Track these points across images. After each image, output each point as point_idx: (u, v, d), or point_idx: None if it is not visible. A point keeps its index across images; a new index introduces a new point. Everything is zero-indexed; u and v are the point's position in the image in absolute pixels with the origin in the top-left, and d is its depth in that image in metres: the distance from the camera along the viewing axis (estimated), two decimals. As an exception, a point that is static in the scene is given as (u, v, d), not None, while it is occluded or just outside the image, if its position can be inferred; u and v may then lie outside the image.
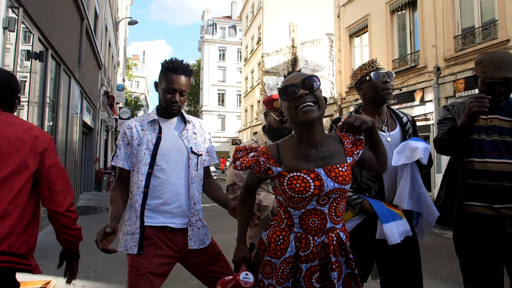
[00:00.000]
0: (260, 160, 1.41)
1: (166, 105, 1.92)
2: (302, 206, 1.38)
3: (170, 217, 1.89)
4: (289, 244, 1.42)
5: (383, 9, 12.81)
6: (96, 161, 14.59)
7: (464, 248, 1.94)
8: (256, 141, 2.38)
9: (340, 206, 1.44)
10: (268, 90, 25.28)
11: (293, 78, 1.41)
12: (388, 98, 1.97)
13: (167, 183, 1.89)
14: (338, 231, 1.44)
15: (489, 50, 9.09)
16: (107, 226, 1.66)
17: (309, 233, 1.40)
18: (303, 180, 1.34)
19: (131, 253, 1.83)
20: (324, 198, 1.37)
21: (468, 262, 1.90)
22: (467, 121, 1.77)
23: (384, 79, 1.94)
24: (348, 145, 1.46)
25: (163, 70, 1.92)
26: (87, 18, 9.81)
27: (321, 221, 1.39)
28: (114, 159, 1.92)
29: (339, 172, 1.37)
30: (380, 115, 2.01)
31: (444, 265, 4.58)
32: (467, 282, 1.92)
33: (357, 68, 2.06)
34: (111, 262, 4.38)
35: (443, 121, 2.05)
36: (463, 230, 1.95)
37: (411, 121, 2.08)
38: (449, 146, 1.92)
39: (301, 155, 1.40)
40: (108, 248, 1.62)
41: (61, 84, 7.72)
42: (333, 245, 1.41)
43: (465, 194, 1.94)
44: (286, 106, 1.40)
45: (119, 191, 1.91)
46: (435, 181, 10.65)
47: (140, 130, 1.93)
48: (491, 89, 1.89)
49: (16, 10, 4.49)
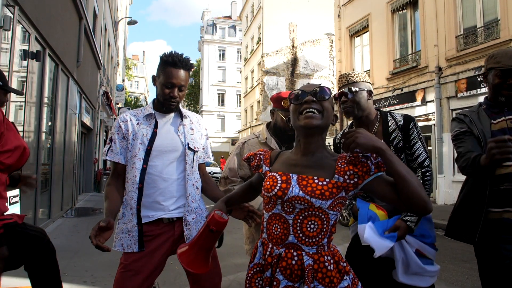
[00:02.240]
0: (258, 156, 1.53)
1: (164, 100, 1.85)
2: (270, 208, 1.36)
3: (166, 213, 1.83)
4: (257, 249, 1.40)
5: (384, 8, 12.75)
6: (95, 161, 14.52)
7: (489, 257, 1.81)
8: (258, 136, 2.34)
9: (309, 225, 1.27)
10: (268, 90, 25.22)
11: (306, 86, 1.43)
12: (347, 116, 2.02)
13: (161, 180, 1.82)
14: (304, 254, 1.27)
15: (491, 50, 9.02)
16: (102, 220, 1.57)
17: (271, 240, 1.35)
18: (273, 180, 1.35)
19: (130, 251, 1.75)
20: (289, 205, 1.29)
21: (494, 271, 1.78)
22: (490, 165, 1.63)
23: (341, 99, 2.02)
24: (342, 165, 1.30)
25: (161, 64, 1.84)
26: (86, 18, 9.74)
27: (283, 230, 1.31)
28: (110, 154, 1.83)
29: (312, 183, 1.28)
30: (368, 126, 2.01)
31: (449, 268, 4.50)
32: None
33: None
34: (109, 266, 4.29)
35: (459, 136, 1.91)
36: (488, 238, 1.82)
37: (401, 126, 1.96)
38: (477, 176, 1.83)
39: (290, 160, 1.42)
40: (102, 246, 1.52)
41: (59, 84, 7.64)
42: (288, 263, 1.26)
43: (492, 201, 1.81)
44: (292, 109, 1.42)
45: (114, 186, 1.83)
46: (437, 182, 10.58)
47: (135, 123, 1.85)
48: (504, 81, 1.82)
49: (12, 8, 4.41)
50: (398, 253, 1.82)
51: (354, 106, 1.99)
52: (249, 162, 1.56)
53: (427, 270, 1.83)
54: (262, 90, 25.55)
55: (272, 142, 2.24)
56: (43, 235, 2.09)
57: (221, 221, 1.43)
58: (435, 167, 10.73)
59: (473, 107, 1.98)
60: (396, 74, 12.17)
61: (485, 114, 1.90)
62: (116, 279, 1.73)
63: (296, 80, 25.65)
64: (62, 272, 4.16)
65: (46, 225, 6.80)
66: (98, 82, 14.29)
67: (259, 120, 25.98)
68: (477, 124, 1.84)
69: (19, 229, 1.91)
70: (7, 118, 1.95)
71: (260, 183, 1.55)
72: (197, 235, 1.48)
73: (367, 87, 2.03)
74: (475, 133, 1.85)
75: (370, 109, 2.03)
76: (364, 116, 2.02)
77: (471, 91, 9.62)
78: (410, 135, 1.95)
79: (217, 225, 1.42)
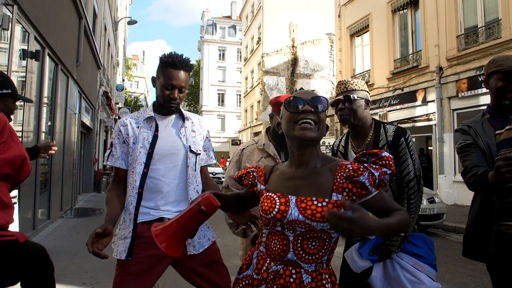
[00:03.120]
0: (251, 174, 1.43)
1: (164, 101, 1.81)
2: (269, 227, 1.32)
3: (166, 215, 1.79)
4: (251, 261, 1.35)
5: (384, 8, 12.72)
6: (95, 161, 14.49)
7: (504, 272, 1.74)
8: (256, 142, 2.28)
9: (311, 243, 1.25)
10: (268, 90, 25.20)
11: (302, 93, 1.36)
12: (343, 124, 2.00)
13: (163, 184, 1.78)
14: (303, 272, 1.24)
15: (492, 49, 9.00)
16: (99, 227, 1.53)
17: (269, 255, 1.31)
18: (271, 201, 1.29)
19: (120, 258, 1.72)
20: (289, 228, 1.26)
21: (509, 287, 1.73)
22: (499, 183, 1.57)
23: (338, 106, 2.00)
24: (341, 179, 1.25)
25: (161, 65, 1.80)
26: (86, 17, 9.70)
27: (282, 246, 1.26)
28: (110, 159, 1.81)
29: (311, 206, 1.23)
30: (362, 137, 1.99)
31: (451, 270, 4.46)
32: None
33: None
34: (108, 268, 4.24)
35: (464, 149, 1.84)
36: (502, 253, 1.74)
37: (390, 142, 1.91)
38: (484, 194, 1.79)
39: (284, 174, 1.36)
40: (99, 253, 1.47)
41: (58, 84, 7.60)
42: (286, 281, 1.23)
43: (502, 214, 1.75)
44: (287, 117, 1.34)
45: (115, 192, 1.79)
46: (437, 182, 10.55)
47: (135, 127, 1.82)
48: (508, 84, 1.78)
49: (11, 7, 4.37)
50: (381, 271, 1.83)
51: (351, 114, 1.96)
52: (241, 181, 1.45)
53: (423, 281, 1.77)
54: (262, 90, 25.52)
55: (270, 148, 2.18)
56: (42, 252, 2.03)
57: (215, 204, 1.31)
58: (436, 167, 10.70)
59: (476, 117, 1.93)
60: (397, 74, 12.13)
61: (489, 124, 1.85)
62: (115, 283, 1.70)
63: (296, 80, 25.63)
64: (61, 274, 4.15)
65: (46, 226, 6.77)
66: (98, 82, 14.26)
67: (259, 120, 25.96)
68: (482, 136, 1.80)
69: (18, 246, 1.84)
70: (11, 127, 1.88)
71: (249, 200, 1.50)
72: (181, 214, 1.33)
73: (365, 96, 2.00)
74: (480, 146, 1.80)
75: (366, 119, 2.00)
76: (359, 125, 1.99)
77: (472, 91, 9.59)
78: (400, 151, 1.88)
79: (209, 206, 1.30)
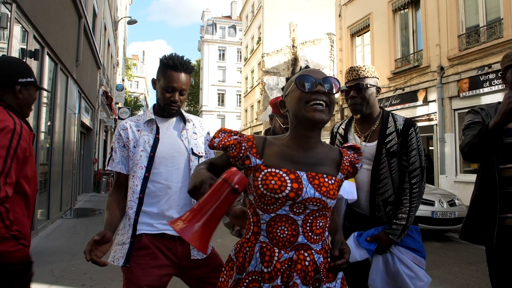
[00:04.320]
0: (242, 145, 1.25)
1: (165, 104, 1.78)
2: (273, 209, 1.19)
3: (168, 224, 1.74)
4: (253, 256, 1.21)
5: (385, 8, 12.67)
6: (94, 161, 14.46)
7: (505, 263, 1.71)
8: None
9: (318, 223, 1.22)
10: (268, 90, 25.15)
11: (314, 72, 1.27)
12: (354, 113, 1.96)
13: (166, 188, 1.74)
14: (314, 252, 1.20)
15: (494, 49, 8.95)
16: (97, 234, 1.49)
17: (276, 244, 1.19)
18: (280, 178, 1.18)
19: (117, 265, 1.68)
20: (299, 206, 1.18)
21: (509, 278, 1.69)
22: (502, 120, 1.53)
23: (349, 94, 1.95)
24: (347, 162, 1.33)
25: (162, 67, 1.77)
26: (85, 17, 9.67)
27: (291, 232, 1.19)
28: (110, 163, 1.77)
29: (324, 183, 1.21)
30: (369, 123, 1.96)
31: (454, 271, 4.42)
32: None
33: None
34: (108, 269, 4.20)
35: (470, 125, 1.80)
36: (504, 244, 1.71)
37: (400, 131, 1.87)
38: (481, 150, 1.69)
39: (286, 155, 1.25)
40: (98, 260, 1.44)
41: (58, 83, 7.57)
42: (303, 265, 1.18)
43: (505, 206, 1.71)
44: (297, 96, 1.24)
45: (116, 198, 1.76)
46: (438, 182, 10.51)
47: (135, 130, 1.78)
48: None
49: (9, 6, 4.33)
50: (383, 265, 1.81)
51: (363, 103, 1.90)
52: (226, 151, 1.25)
53: (420, 277, 1.78)
54: (262, 90, 25.48)
55: None
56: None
57: (245, 178, 1.07)
58: (437, 167, 10.66)
59: (492, 103, 1.89)
60: (398, 74, 12.09)
61: None
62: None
63: (297, 80, 25.58)
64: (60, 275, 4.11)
65: (45, 226, 6.73)
66: (98, 81, 14.22)
67: (259, 120, 25.91)
68: (493, 117, 1.74)
69: None
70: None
71: (220, 170, 1.22)
72: (206, 198, 1.04)
73: (376, 83, 1.95)
74: None
75: (375, 106, 1.96)
76: (368, 113, 1.95)
77: (473, 91, 9.54)
78: (409, 141, 1.86)
79: (242, 182, 1.04)
